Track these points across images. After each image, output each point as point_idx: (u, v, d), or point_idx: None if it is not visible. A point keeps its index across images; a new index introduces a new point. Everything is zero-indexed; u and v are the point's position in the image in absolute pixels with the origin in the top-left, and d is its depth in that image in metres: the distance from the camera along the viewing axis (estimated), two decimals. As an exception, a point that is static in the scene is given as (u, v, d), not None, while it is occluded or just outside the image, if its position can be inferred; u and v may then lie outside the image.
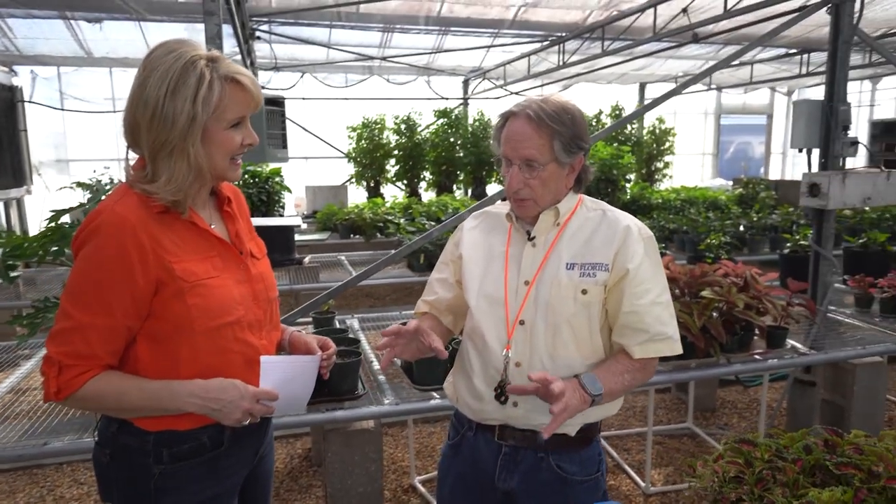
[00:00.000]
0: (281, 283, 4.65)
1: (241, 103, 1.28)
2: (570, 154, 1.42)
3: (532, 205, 1.47)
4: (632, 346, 1.42)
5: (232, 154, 1.31)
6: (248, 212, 1.54)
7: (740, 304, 2.73)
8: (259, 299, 1.39)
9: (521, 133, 1.41)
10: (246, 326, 1.35)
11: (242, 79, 1.27)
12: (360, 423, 2.34)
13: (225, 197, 1.43)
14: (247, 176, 6.73)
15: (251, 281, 1.39)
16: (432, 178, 8.84)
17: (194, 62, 1.22)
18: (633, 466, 3.38)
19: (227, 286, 1.32)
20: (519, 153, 1.42)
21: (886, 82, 10.64)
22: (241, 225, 1.44)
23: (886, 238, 4.44)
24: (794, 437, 1.43)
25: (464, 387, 1.56)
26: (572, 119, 1.41)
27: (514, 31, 7.03)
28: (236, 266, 1.37)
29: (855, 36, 3.55)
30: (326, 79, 9.14)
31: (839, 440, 1.36)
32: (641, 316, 1.41)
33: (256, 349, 1.37)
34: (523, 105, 1.43)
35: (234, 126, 1.29)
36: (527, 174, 1.42)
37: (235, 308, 1.32)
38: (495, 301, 1.49)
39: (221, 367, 1.31)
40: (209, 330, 1.28)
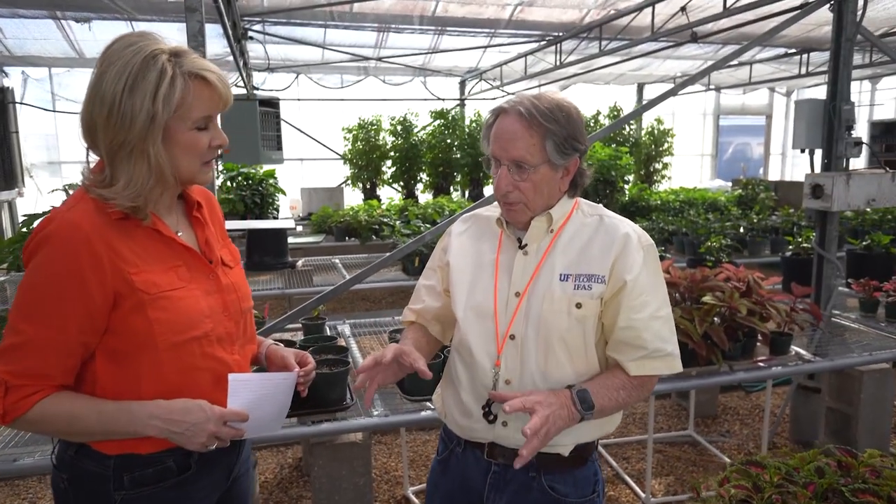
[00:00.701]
0: (273, 287, 4.56)
1: (208, 102, 1.19)
2: (564, 156, 1.32)
3: (522, 209, 1.36)
4: (627, 362, 1.33)
5: (199, 157, 1.22)
6: (222, 217, 1.45)
7: (743, 310, 2.63)
8: (230, 311, 1.30)
9: (510, 132, 1.31)
10: (215, 341, 1.25)
11: (209, 75, 1.18)
12: (348, 436, 2.25)
13: (194, 201, 1.33)
14: (240, 178, 6.65)
15: (222, 291, 1.29)
16: (429, 180, 8.74)
17: (155, 56, 1.13)
18: (633, 476, 3.29)
19: (193, 298, 1.23)
20: (508, 153, 1.32)
21: (886, 82, 10.56)
22: (211, 231, 1.34)
23: (890, 240, 4.35)
24: (804, 457, 1.34)
25: (452, 402, 1.47)
26: (567, 117, 1.31)
27: (510, 31, 6.94)
28: (205, 276, 1.28)
29: (858, 34, 3.46)
30: (321, 80, 9.04)
31: (853, 461, 1.27)
32: (639, 331, 1.31)
33: (227, 365, 1.27)
34: (515, 101, 1.32)
35: (200, 126, 1.20)
36: (516, 176, 1.32)
37: (203, 321, 1.23)
38: (484, 313, 1.39)
39: (188, 386, 1.21)
40: (174, 346, 1.18)
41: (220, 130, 1.24)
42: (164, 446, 1.21)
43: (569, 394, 1.26)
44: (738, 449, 3.62)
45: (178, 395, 1.20)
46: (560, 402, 1.23)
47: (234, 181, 6.59)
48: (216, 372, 1.25)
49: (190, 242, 1.29)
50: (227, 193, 6.38)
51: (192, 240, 1.31)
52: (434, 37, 7.12)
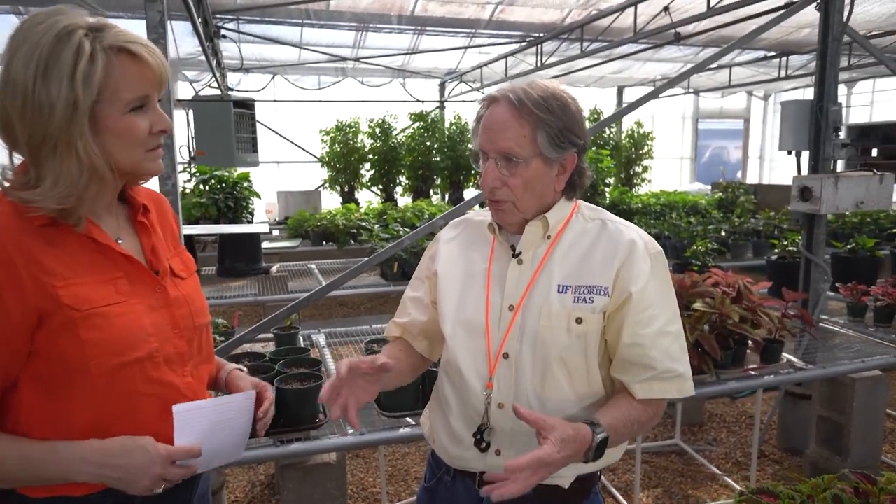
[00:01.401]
0: (246, 293, 4.38)
1: (139, 79, 1.03)
2: (558, 149, 1.19)
3: (511, 209, 1.23)
4: (633, 383, 1.19)
5: (140, 144, 1.06)
6: (175, 222, 1.29)
7: (735, 317, 2.53)
8: (181, 327, 1.14)
9: (499, 121, 1.18)
10: (162, 362, 1.10)
11: (136, 48, 1.02)
12: (321, 456, 2.09)
13: (139, 205, 1.17)
14: (213, 181, 6.45)
15: (170, 306, 1.14)
16: (408, 183, 8.60)
17: (70, 33, 0.97)
18: (620, 489, 3.18)
19: (134, 314, 1.07)
20: (495, 144, 1.19)
21: (862, 86, 10.66)
22: (159, 238, 1.19)
23: (874, 243, 4.32)
24: (818, 483, 1.22)
25: (441, 427, 1.32)
26: (563, 108, 1.18)
27: (490, 32, 6.83)
28: (150, 289, 1.12)
29: (844, 34, 3.40)
30: (298, 81, 8.86)
31: (872, 488, 1.16)
32: (646, 349, 1.17)
33: (177, 390, 1.12)
34: (506, 89, 1.20)
35: (136, 109, 1.04)
36: (505, 171, 1.19)
37: (147, 340, 1.07)
38: (474, 329, 1.25)
39: (130, 417, 1.05)
40: (111, 370, 1.02)
41: (161, 113, 1.09)
42: (101, 486, 1.05)
43: (590, 441, 1.08)
44: (725, 458, 3.53)
45: (118, 425, 1.05)
46: (575, 449, 1.06)
47: (206, 184, 6.39)
48: (164, 398, 1.10)
49: (133, 251, 1.13)
50: (199, 197, 6.18)
51: (136, 248, 1.16)
52: (413, 37, 6.99)
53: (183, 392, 1.14)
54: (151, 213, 1.20)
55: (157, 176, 1.15)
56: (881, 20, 6.40)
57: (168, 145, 2.32)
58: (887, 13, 6.26)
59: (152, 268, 1.15)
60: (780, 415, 3.61)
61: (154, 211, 1.22)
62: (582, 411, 1.21)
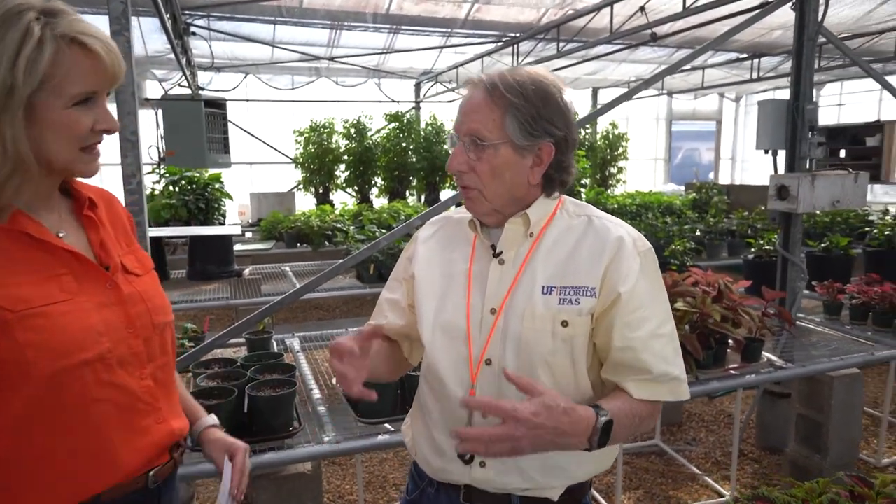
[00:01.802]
0: (218, 297, 4.26)
1: (90, 74, 0.96)
2: (529, 136, 1.12)
3: (478, 197, 1.16)
4: (625, 381, 1.13)
5: (77, 141, 0.98)
6: (128, 220, 1.21)
7: (716, 316, 2.51)
8: (137, 326, 1.06)
9: (472, 103, 1.14)
10: (115, 364, 1.01)
11: (91, 42, 0.94)
12: (295, 466, 2.01)
13: (85, 198, 1.09)
14: (183, 182, 6.29)
15: (123, 303, 1.05)
16: (384, 184, 8.51)
17: (20, 13, 0.90)
18: (602, 491, 3.14)
19: (81, 312, 0.99)
20: (464, 126, 1.14)
21: (830, 89, 10.87)
22: (108, 233, 1.11)
23: (848, 242, 4.36)
24: (812, 488, 1.18)
25: (423, 438, 1.25)
26: (540, 94, 1.12)
27: (466, 31, 6.79)
28: (99, 285, 1.04)
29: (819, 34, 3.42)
30: (271, 80, 8.71)
31: (869, 492, 1.12)
32: (637, 353, 1.11)
33: (134, 394, 1.04)
34: (487, 73, 1.15)
35: (80, 103, 0.96)
36: (472, 154, 1.13)
37: (97, 340, 0.99)
38: (455, 334, 1.18)
39: (82, 425, 0.97)
40: (56, 374, 0.94)
41: (108, 112, 1.01)
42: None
43: (594, 422, 1.01)
44: (705, 457, 3.52)
45: (69, 437, 0.96)
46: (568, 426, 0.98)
47: (176, 185, 6.22)
48: (120, 403, 1.02)
49: (78, 246, 1.05)
50: (168, 198, 6.01)
51: (83, 243, 1.07)
52: (389, 36, 6.91)
53: (140, 396, 1.06)
54: (100, 209, 1.12)
55: (90, 177, 1.06)
56: (850, 23, 6.51)
57: (133, 142, 2.22)
58: (856, 16, 6.37)
59: (101, 263, 1.07)
60: (759, 413, 3.62)
61: (103, 207, 1.14)
62: None
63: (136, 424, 1.05)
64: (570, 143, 1.18)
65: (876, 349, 3.00)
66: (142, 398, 1.06)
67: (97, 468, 1.01)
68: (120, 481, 1.04)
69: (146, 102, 6.19)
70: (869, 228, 5.47)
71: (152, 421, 1.08)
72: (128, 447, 1.03)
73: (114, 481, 1.03)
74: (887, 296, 3.25)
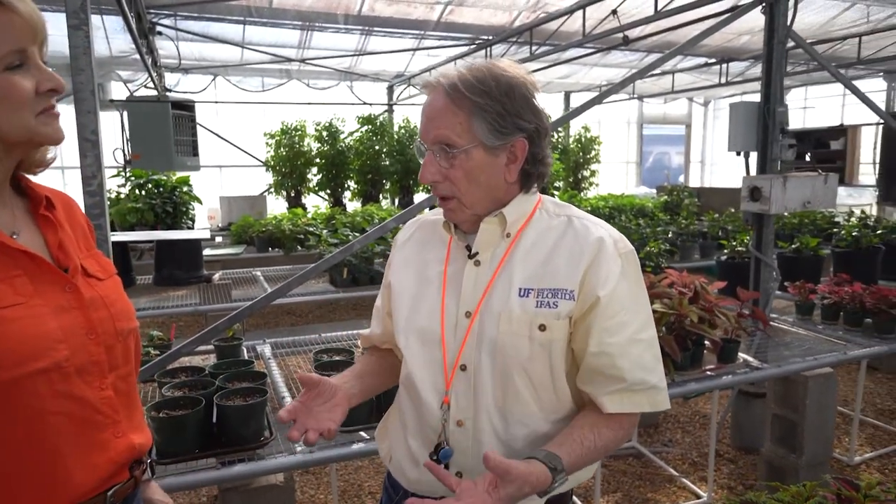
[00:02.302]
0: (187, 303, 4.14)
1: (12, 31, 0.88)
2: (500, 135, 1.07)
3: (458, 206, 1.12)
4: (601, 396, 1.08)
5: (26, 107, 0.90)
6: (87, 225, 1.14)
7: (694, 317, 2.51)
8: (98, 332, 0.99)
9: (434, 109, 1.08)
10: (73, 373, 0.94)
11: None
12: (266, 478, 1.93)
13: (41, 197, 1.02)
14: (150, 185, 6.13)
15: (84, 307, 0.98)
16: (357, 188, 8.42)
17: None
18: (581, 496, 3.11)
19: (36, 317, 0.91)
20: (430, 134, 1.08)
21: (795, 94, 11.11)
22: (67, 234, 1.03)
23: (818, 243, 4.43)
24: (799, 492, 1.16)
25: (398, 446, 1.20)
26: (504, 89, 1.06)
27: (439, 34, 6.76)
28: (57, 288, 0.97)
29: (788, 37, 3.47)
30: (241, 82, 8.55)
31: (856, 495, 1.10)
32: (614, 358, 1.06)
33: (93, 406, 0.97)
34: (443, 74, 1.09)
35: (14, 68, 0.89)
36: (443, 162, 1.08)
37: (53, 348, 0.92)
38: (429, 339, 1.13)
39: (36, 440, 0.90)
40: (6, 384, 0.86)
41: (47, 70, 0.93)
42: None
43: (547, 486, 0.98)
44: (681, 459, 3.52)
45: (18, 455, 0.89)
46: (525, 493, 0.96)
47: (143, 189, 6.06)
48: (76, 416, 0.95)
49: (34, 246, 0.97)
50: (134, 202, 5.85)
51: (39, 243, 1.00)
52: (361, 38, 6.84)
53: (99, 408, 0.98)
54: (57, 210, 1.04)
55: (58, 143, 0.98)
56: (815, 28, 6.65)
57: (94, 142, 2.12)
58: (820, 22, 6.51)
59: (60, 265, 0.99)
60: (734, 413, 3.63)
61: (61, 209, 1.06)
62: (549, 426, 1.11)
63: (94, 439, 0.98)
64: (542, 132, 1.13)
65: (848, 348, 3.03)
66: (100, 410, 0.99)
67: (48, 489, 0.93)
68: (75, 501, 0.96)
69: (111, 104, 6.03)
70: (836, 230, 5.58)
71: (111, 435, 1.01)
72: (83, 464, 0.96)
73: (69, 501, 0.96)
74: (857, 296, 3.29)
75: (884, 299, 3.17)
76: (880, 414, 4.00)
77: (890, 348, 3.05)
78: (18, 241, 0.95)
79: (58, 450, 0.93)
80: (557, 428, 1.09)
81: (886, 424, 3.82)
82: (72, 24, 2.05)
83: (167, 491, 1.83)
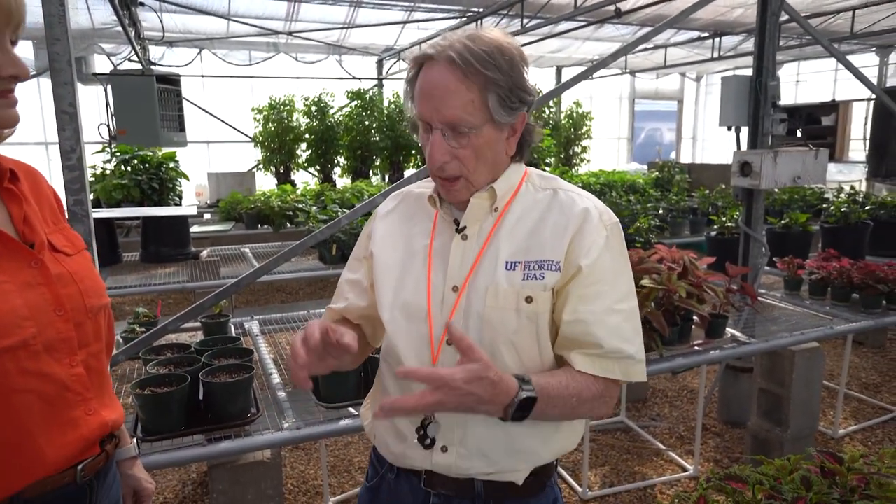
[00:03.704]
0: (175, 280, 4.10)
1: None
2: (510, 111, 1.05)
3: (464, 185, 1.09)
4: (571, 352, 1.07)
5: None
6: (53, 197, 1.10)
7: (682, 293, 2.51)
8: (67, 309, 0.97)
9: (442, 86, 1.02)
10: (42, 350, 0.92)
11: None
12: (253, 454, 1.93)
13: (5, 170, 0.98)
14: (136, 161, 6.04)
15: (51, 283, 0.96)
16: (347, 164, 8.33)
17: None
18: (569, 469, 3.14)
19: (1, 294, 0.89)
20: (441, 114, 1.03)
21: (787, 69, 11.06)
22: (33, 209, 1.00)
23: (807, 218, 4.43)
24: (783, 465, 1.16)
25: (382, 422, 1.19)
26: (511, 62, 1.04)
27: (429, 6, 6.64)
28: (22, 263, 0.94)
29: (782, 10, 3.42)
30: (227, 56, 8.39)
31: (839, 467, 1.10)
32: (588, 325, 1.05)
33: (62, 383, 0.95)
34: (443, 45, 1.03)
35: None
36: (454, 143, 1.04)
37: (20, 325, 0.90)
38: (415, 314, 1.11)
39: (2, 422, 0.88)
40: None
41: (13, 54, 0.90)
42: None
43: (513, 395, 0.96)
44: (669, 433, 3.56)
45: None
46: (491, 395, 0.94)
47: (128, 165, 5.97)
48: (45, 394, 0.93)
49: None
50: (120, 178, 5.76)
51: (3, 217, 0.97)
52: (350, 10, 6.71)
53: (69, 386, 0.96)
54: (21, 183, 1.01)
55: (11, 127, 0.95)
56: (808, 2, 6.59)
57: (72, 115, 2.07)
58: (814, -5, 6.45)
59: (25, 240, 0.97)
60: (721, 388, 3.66)
61: (25, 182, 1.03)
62: None
63: (64, 416, 0.97)
64: (534, 104, 1.12)
65: (834, 323, 3.05)
66: (71, 387, 0.97)
67: (18, 462, 0.92)
68: (45, 476, 0.95)
69: (94, 77, 5.90)
70: (825, 206, 5.59)
71: (82, 412, 0.99)
72: (53, 441, 0.94)
73: (38, 476, 0.94)
74: (845, 271, 3.30)
75: (871, 274, 3.18)
76: (864, 388, 4.06)
77: (876, 323, 3.08)
78: None
79: (27, 427, 0.92)
80: None
81: (870, 398, 3.87)
82: None
83: (154, 468, 1.83)
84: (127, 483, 1.21)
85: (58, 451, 0.96)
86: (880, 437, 3.45)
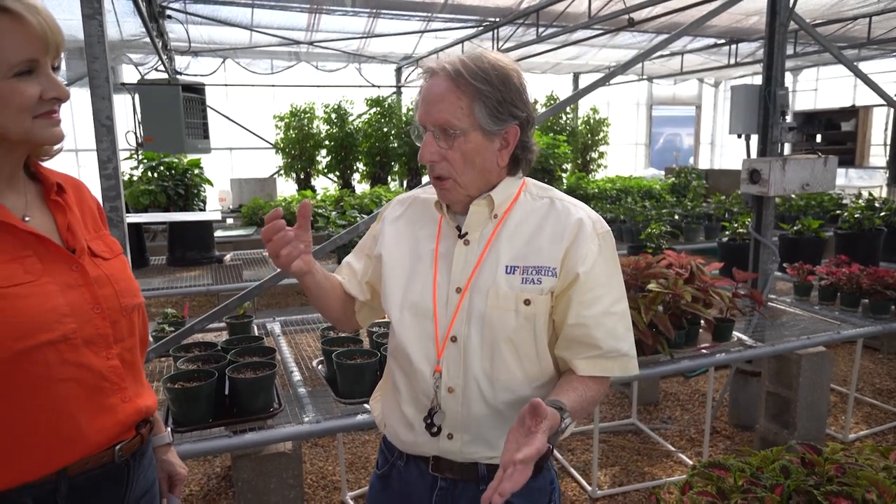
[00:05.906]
0: (200, 283, 4.26)
1: (22, 41, 0.96)
2: (498, 121, 1.16)
3: (453, 186, 1.20)
4: (575, 359, 1.18)
5: (27, 111, 0.98)
6: (96, 207, 1.23)
7: (688, 297, 2.58)
8: (104, 308, 1.08)
9: (436, 93, 1.15)
10: (81, 344, 1.04)
11: (14, 6, 0.94)
12: (276, 446, 2.05)
13: (52, 183, 1.11)
14: (162, 168, 6.24)
15: (90, 285, 1.08)
16: (365, 170, 8.49)
17: None
18: (579, 468, 3.22)
19: (46, 294, 1.01)
20: (432, 117, 1.16)
21: (807, 74, 11.01)
22: (76, 217, 1.13)
23: (819, 225, 4.46)
24: (767, 455, 1.24)
25: (391, 412, 1.30)
26: (503, 78, 1.15)
27: (446, 16, 6.77)
28: (65, 267, 1.06)
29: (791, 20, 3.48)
30: (250, 65, 8.61)
31: (818, 458, 1.19)
32: (590, 329, 1.17)
33: (99, 373, 1.06)
34: (444, 61, 1.17)
35: (22, 74, 0.97)
36: (442, 143, 1.16)
37: (61, 321, 1.01)
38: (422, 313, 1.22)
39: (48, 405, 1.00)
40: (16, 355, 0.96)
41: (55, 79, 1.01)
42: (20, 480, 1.00)
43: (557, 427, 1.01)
44: (680, 435, 3.61)
45: (35, 416, 0.99)
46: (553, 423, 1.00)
47: (155, 171, 6.17)
48: (86, 382, 1.04)
49: (44, 229, 1.07)
50: (147, 184, 5.96)
51: (50, 226, 1.09)
52: (369, 20, 6.87)
53: (106, 376, 1.08)
54: (68, 194, 1.14)
55: (56, 144, 1.07)
56: (824, 9, 6.60)
57: (108, 127, 2.21)
58: (829, 3, 6.45)
59: (68, 246, 1.09)
60: (732, 392, 3.71)
61: (71, 193, 1.16)
62: (532, 391, 1.20)
63: (102, 403, 1.08)
64: (531, 122, 1.22)
65: (842, 328, 3.09)
66: (108, 378, 1.08)
67: (61, 442, 1.03)
68: (86, 455, 1.07)
69: (122, 87, 6.11)
70: (841, 212, 5.60)
71: (118, 399, 1.11)
72: (93, 424, 1.06)
73: (80, 455, 1.06)
74: (854, 277, 3.34)
75: (880, 280, 3.22)
76: (878, 393, 4.07)
77: (883, 328, 3.12)
78: (30, 223, 1.05)
79: (68, 410, 1.03)
80: (540, 393, 1.19)
81: (883, 403, 3.89)
82: (86, 13, 2.13)
83: (184, 457, 1.96)
84: (162, 467, 1.32)
85: (97, 433, 1.07)
86: (892, 441, 3.48)
